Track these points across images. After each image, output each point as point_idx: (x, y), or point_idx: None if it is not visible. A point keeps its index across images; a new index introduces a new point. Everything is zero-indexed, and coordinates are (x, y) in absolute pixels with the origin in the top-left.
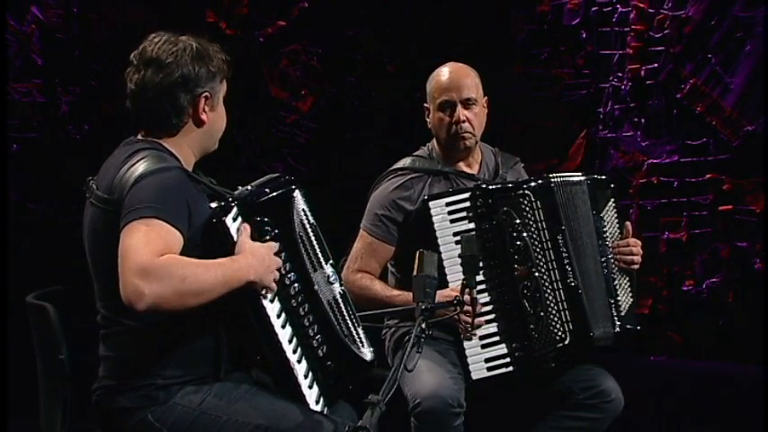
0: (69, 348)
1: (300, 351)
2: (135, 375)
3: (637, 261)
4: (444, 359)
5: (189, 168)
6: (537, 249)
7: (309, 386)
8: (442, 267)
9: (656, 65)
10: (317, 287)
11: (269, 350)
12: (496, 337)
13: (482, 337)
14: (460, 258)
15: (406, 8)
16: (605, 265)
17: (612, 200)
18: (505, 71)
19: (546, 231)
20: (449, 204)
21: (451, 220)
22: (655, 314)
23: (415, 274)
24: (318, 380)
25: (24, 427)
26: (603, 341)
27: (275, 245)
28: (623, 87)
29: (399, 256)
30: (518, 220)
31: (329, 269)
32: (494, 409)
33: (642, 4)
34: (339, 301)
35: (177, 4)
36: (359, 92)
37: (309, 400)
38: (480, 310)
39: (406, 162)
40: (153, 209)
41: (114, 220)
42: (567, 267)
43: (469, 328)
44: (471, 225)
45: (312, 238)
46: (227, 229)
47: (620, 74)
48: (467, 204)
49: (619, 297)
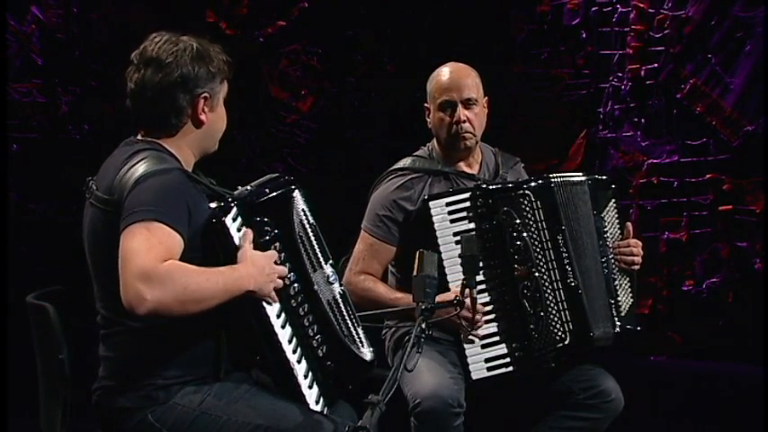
0: (69, 348)
1: (300, 351)
2: (135, 376)
3: (637, 262)
4: (444, 359)
5: (188, 169)
6: (537, 249)
7: (309, 386)
8: (442, 267)
9: (656, 65)
10: (316, 287)
11: (269, 350)
12: (496, 337)
13: (482, 338)
14: (460, 258)
15: (406, 8)
16: (605, 266)
17: (613, 200)
18: (505, 71)
19: (546, 231)
20: (449, 204)
21: (452, 220)
22: (655, 314)
23: (415, 274)
24: (318, 380)
25: (24, 427)
26: (603, 341)
27: (275, 254)
28: (623, 87)
29: (400, 257)
30: (518, 220)
31: (329, 269)
32: (494, 409)
33: (642, 4)
34: (339, 301)
35: (177, 4)
36: (359, 92)
37: (309, 400)
38: (481, 310)
39: (406, 162)
40: (153, 212)
41: (114, 220)
42: (568, 267)
43: (469, 328)
44: (471, 225)
45: (312, 238)
46: (226, 229)
47: (620, 74)
48: (467, 204)
49: (619, 297)
